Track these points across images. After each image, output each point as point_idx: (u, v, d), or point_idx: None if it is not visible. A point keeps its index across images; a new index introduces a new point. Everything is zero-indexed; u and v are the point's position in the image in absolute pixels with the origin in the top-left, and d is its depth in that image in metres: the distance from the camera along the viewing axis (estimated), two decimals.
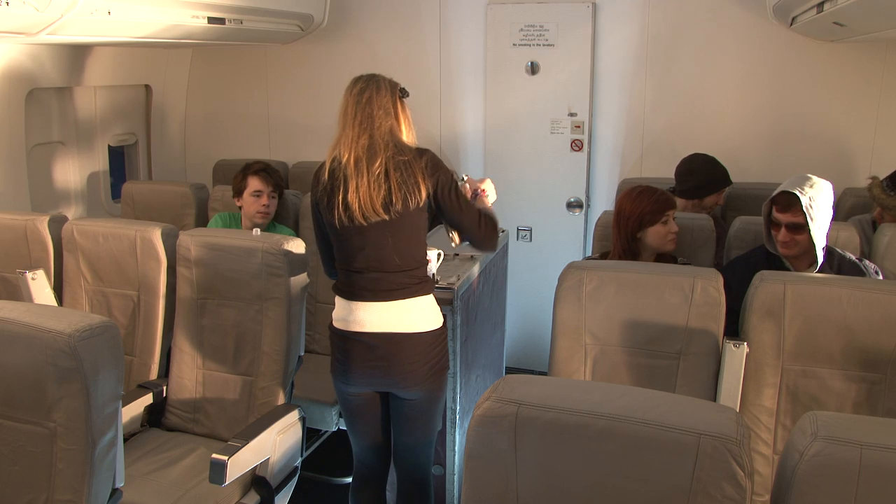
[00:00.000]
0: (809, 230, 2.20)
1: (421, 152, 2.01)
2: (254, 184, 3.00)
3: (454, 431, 2.45)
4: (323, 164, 2.05)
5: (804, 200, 2.20)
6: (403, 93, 2.07)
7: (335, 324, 2.09)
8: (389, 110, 2.01)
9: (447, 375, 2.15)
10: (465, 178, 2.21)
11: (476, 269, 2.53)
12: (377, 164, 1.95)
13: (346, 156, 1.97)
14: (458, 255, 2.60)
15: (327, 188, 2.01)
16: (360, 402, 2.12)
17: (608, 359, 2.09)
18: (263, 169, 3.03)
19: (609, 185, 3.73)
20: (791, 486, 1.16)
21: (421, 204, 1.99)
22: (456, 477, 2.51)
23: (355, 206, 1.96)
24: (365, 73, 2.06)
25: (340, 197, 1.98)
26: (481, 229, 2.09)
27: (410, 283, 2.02)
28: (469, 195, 2.17)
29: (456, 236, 2.15)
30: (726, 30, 3.44)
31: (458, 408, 2.43)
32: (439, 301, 2.15)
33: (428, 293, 2.07)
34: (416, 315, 2.03)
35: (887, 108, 3.32)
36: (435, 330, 2.06)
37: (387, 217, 1.96)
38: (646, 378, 2.06)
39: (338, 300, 2.10)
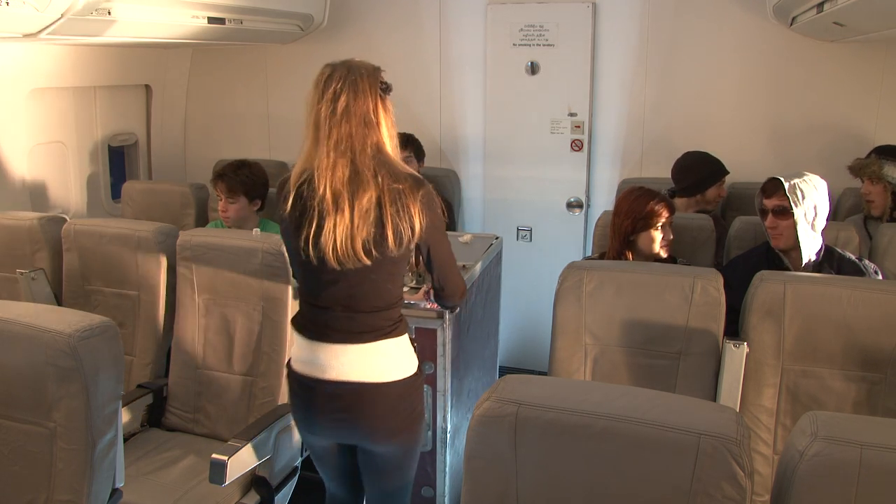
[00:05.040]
0: (794, 215, 2.21)
1: (417, 182, 1.70)
2: (217, 190, 2.95)
3: (444, 451, 2.34)
4: (288, 178, 1.74)
5: (787, 184, 2.24)
6: (386, 89, 1.73)
7: (294, 365, 1.82)
8: (371, 120, 1.67)
9: (423, 424, 1.91)
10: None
11: (469, 279, 2.41)
12: (366, 199, 1.64)
13: (322, 187, 1.64)
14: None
15: (295, 215, 1.70)
16: (326, 451, 1.92)
17: (608, 359, 2.09)
18: (219, 174, 2.93)
19: (609, 185, 3.73)
20: (791, 486, 1.16)
21: (413, 243, 1.71)
22: (447, 499, 2.44)
23: (328, 248, 1.65)
24: (337, 61, 1.72)
25: (311, 232, 1.66)
26: (459, 279, 1.89)
27: (385, 324, 1.76)
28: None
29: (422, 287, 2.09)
30: (726, 30, 3.44)
31: (448, 426, 2.33)
32: (429, 317, 2.08)
33: (402, 334, 1.80)
34: (388, 361, 1.77)
35: (887, 107, 3.32)
36: (409, 377, 1.79)
37: (368, 262, 1.67)
38: (646, 378, 2.06)
39: (297, 338, 1.82)
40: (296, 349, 1.82)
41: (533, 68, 3.69)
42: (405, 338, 1.82)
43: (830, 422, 1.18)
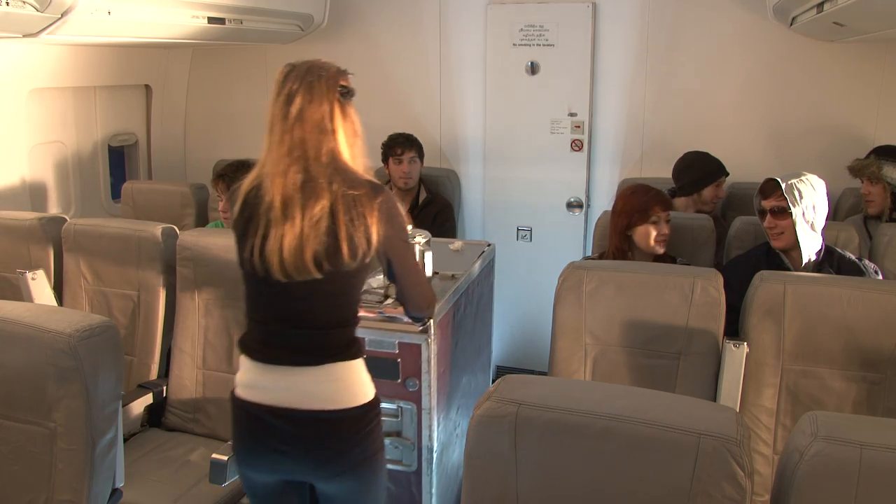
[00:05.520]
0: (792, 215, 2.22)
1: (375, 189, 1.58)
2: (218, 190, 2.93)
3: (430, 472, 2.18)
4: (239, 186, 1.63)
5: (784, 184, 2.25)
6: (346, 94, 1.61)
7: (238, 391, 1.65)
8: (326, 126, 1.56)
9: (383, 458, 1.72)
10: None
11: (458, 289, 2.29)
12: (318, 207, 1.52)
13: (271, 194, 1.53)
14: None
15: (241, 224, 1.60)
16: (271, 493, 1.71)
17: (608, 359, 2.09)
18: (221, 174, 2.92)
19: (609, 185, 3.73)
20: (791, 486, 1.16)
21: (369, 256, 1.59)
22: None
23: (274, 259, 1.53)
24: (300, 60, 1.63)
25: (257, 241, 1.55)
26: (425, 290, 1.76)
27: (338, 344, 1.62)
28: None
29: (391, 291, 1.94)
30: (726, 30, 3.44)
31: (435, 445, 2.17)
32: (413, 331, 1.99)
33: (357, 357, 1.65)
34: (342, 386, 1.61)
35: (887, 107, 3.32)
36: (365, 405, 1.63)
37: (319, 276, 1.54)
38: (646, 378, 2.07)
39: (242, 360, 1.67)
40: (241, 373, 1.66)
41: (533, 68, 3.69)
42: (360, 362, 1.66)
43: (830, 422, 1.18)
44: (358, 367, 1.65)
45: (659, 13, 3.51)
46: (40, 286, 2.63)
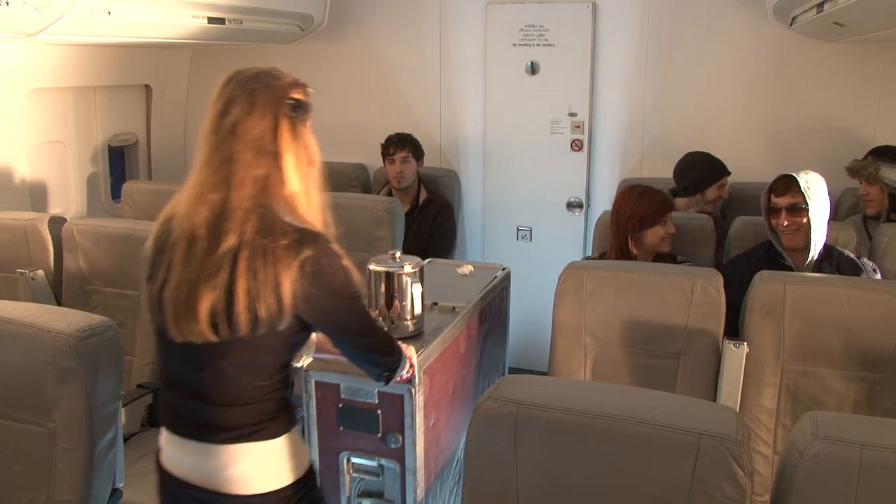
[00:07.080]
0: (809, 212, 2.21)
1: (303, 240, 1.25)
2: None
3: None
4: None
5: (801, 182, 2.22)
6: (299, 109, 1.31)
7: (160, 457, 1.47)
8: (265, 146, 1.25)
9: None
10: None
11: (457, 325, 1.94)
12: (222, 248, 1.22)
13: (181, 227, 1.27)
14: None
15: (148, 263, 1.37)
16: None
17: (608, 359, 2.09)
18: None
19: (609, 185, 3.73)
20: (791, 486, 1.16)
21: (281, 323, 1.25)
22: None
23: (168, 311, 1.26)
24: (250, 67, 1.39)
25: (157, 287, 1.30)
26: (375, 363, 1.43)
27: (249, 423, 1.34)
28: None
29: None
30: (726, 30, 3.45)
31: None
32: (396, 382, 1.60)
33: (283, 432, 1.37)
34: (256, 469, 1.35)
35: (887, 107, 3.32)
36: (286, 487, 1.37)
37: (214, 338, 1.25)
38: (646, 378, 2.07)
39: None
40: (161, 435, 1.46)
41: (533, 68, 3.69)
42: (283, 440, 1.37)
43: (830, 422, 1.18)
44: (279, 446, 1.37)
45: (659, 13, 3.51)
46: (40, 286, 2.63)
